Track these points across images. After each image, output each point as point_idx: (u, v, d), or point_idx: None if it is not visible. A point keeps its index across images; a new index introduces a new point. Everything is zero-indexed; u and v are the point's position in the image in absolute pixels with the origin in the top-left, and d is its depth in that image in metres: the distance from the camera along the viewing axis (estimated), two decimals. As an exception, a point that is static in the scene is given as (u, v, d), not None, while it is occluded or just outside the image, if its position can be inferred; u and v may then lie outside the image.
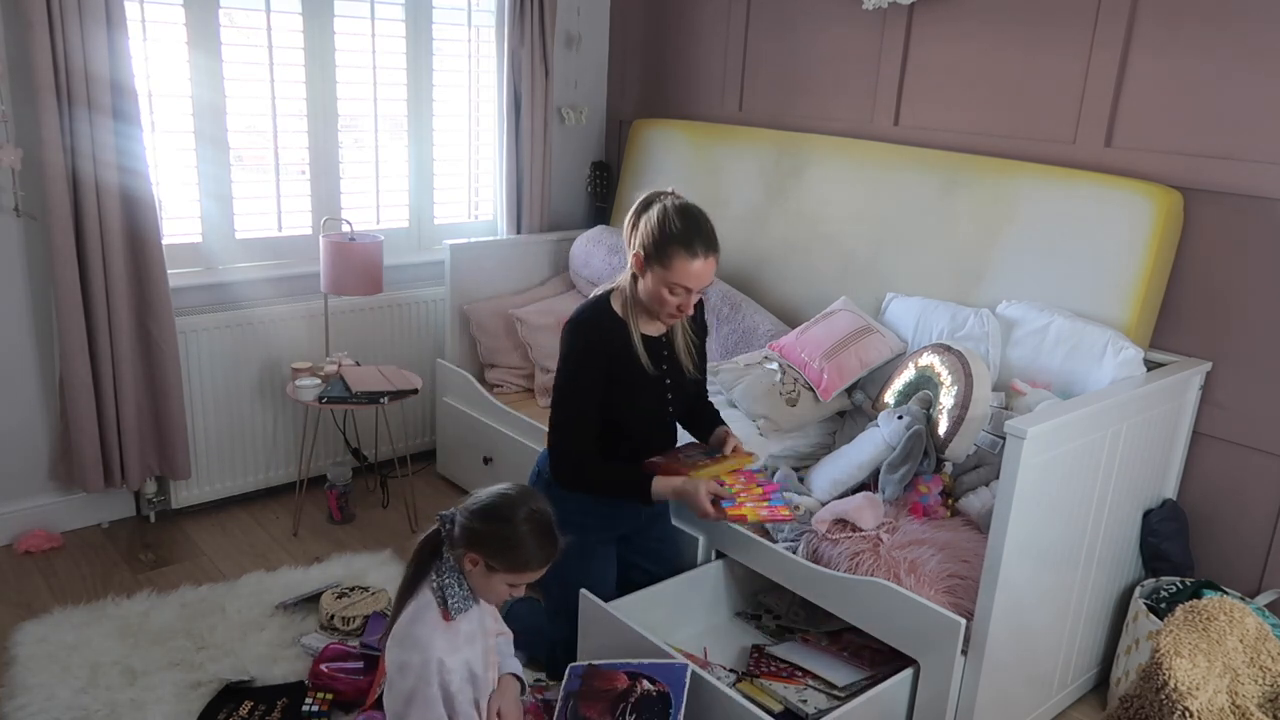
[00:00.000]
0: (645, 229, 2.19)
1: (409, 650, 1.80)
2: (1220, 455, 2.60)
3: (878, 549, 2.28)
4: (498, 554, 1.82)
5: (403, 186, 3.66)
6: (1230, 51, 2.45)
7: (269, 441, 3.40)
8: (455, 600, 1.83)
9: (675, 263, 2.15)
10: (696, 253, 2.15)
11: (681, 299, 2.21)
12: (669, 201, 2.21)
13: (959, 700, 2.15)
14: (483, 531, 1.81)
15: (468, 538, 1.82)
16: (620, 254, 3.45)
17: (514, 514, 1.82)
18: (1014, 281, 2.73)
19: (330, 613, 2.63)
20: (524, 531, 1.82)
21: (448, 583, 1.83)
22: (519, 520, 1.82)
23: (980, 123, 2.96)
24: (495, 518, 1.82)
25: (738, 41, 3.61)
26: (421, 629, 1.81)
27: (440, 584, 1.83)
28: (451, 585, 1.83)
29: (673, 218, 2.16)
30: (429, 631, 1.81)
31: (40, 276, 2.91)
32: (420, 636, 1.80)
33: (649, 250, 2.18)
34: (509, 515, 1.82)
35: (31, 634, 2.54)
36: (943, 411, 2.41)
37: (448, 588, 1.83)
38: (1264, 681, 1.89)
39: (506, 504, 1.84)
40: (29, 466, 3.04)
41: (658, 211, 2.18)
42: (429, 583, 1.85)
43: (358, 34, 3.39)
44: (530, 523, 1.83)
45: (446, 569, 1.84)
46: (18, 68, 2.69)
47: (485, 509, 1.83)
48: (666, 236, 2.15)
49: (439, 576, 1.84)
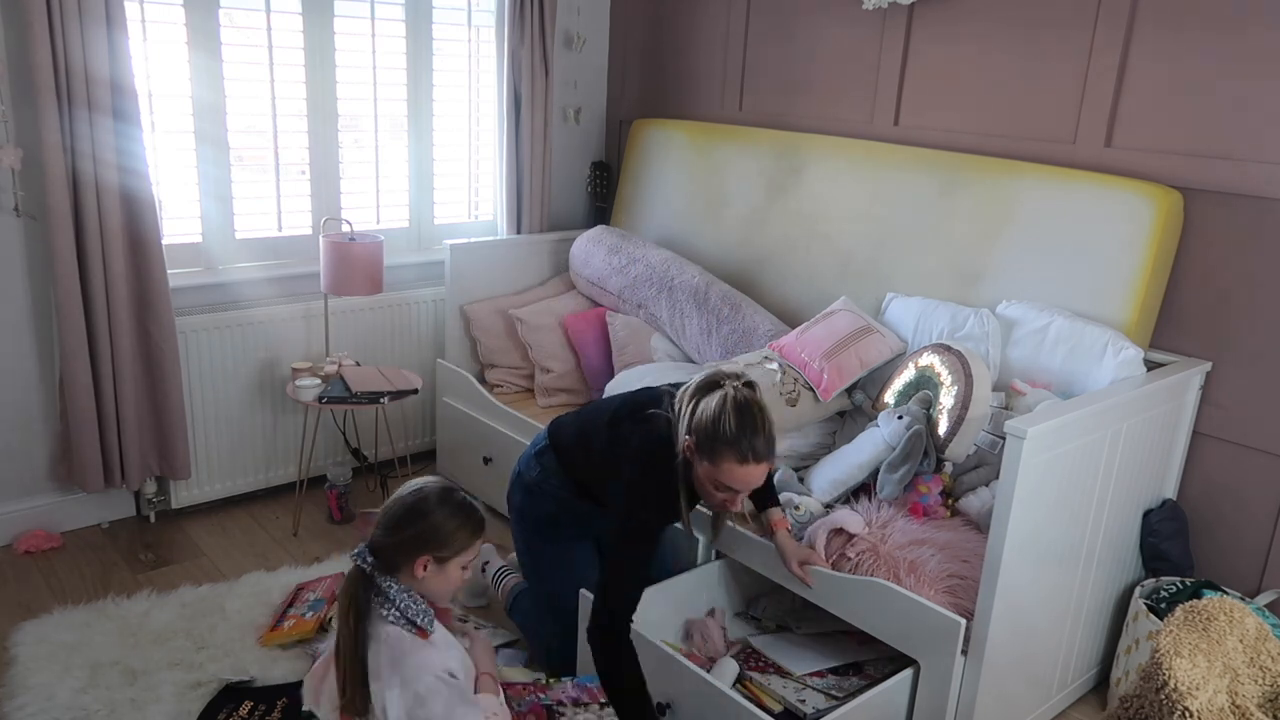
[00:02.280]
0: (701, 418, 2.01)
1: (419, 680, 1.73)
2: (1220, 455, 2.60)
3: (878, 549, 2.28)
4: (439, 544, 1.81)
5: (403, 186, 3.66)
6: (1230, 52, 2.45)
7: (269, 441, 3.40)
8: (421, 616, 1.79)
9: (723, 465, 2.00)
10: (747, 459, 1.99)
11: (727, 495, 2.07)
12: (731, 392, 2.01)
13: (959, 700, 2.15)
14: (415, 536, 1.80)
15: (405, 550, 1.80)
16: (619, 254, 3.45)
17: (428, 505, 1.82)
18: (1014, 281, 2.73)
19: (329, 614, 2.64)
20: (448, 512, 1.83)
21: (405, 605, 1.78)
22: (434, 507, 1.82)
23: (980, 123, 2.96)
24: (417, 517, 1.81)
25: (738, 41, 3.61)
26: (411, 658, 1.75)
27: (399, 611, 1.78)
28: (409, 605, 1.78)
29: (729, 417, 1.97)
30: (419, 655, 1.76)
31: (40, 276, 2.91)
32: (417, 664, 1.74)
33: (700, 442, 2.02)
34: (426, 508, 1.82)
35: (31, 634, 2.54)
36: (943, 411, 2.41)
37: (407, 610, 1.78)
38: (1264, 681, 1.89)
39: (416, 501, 1.83)
40: (29, 466, 3.04)
41: (717, 404, 2.00)
42: (382, 621, 1.78)
43: (358, 34, 3.39)
44: (446, 504, 1.83)
45: (395, 594, 1.78)
46: (18, 68, 2.69)
47: (401, 517, 1.81)
48: (719, 437, 1.98)
49: (390, 606, 1.78)
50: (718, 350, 3.09)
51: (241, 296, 3.27)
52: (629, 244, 3.48)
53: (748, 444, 1.98)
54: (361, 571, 1.80)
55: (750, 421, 1.99)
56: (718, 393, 2.03)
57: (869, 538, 2.31)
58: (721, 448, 1.99)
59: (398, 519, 1.81)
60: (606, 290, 3.49)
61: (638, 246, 3.46)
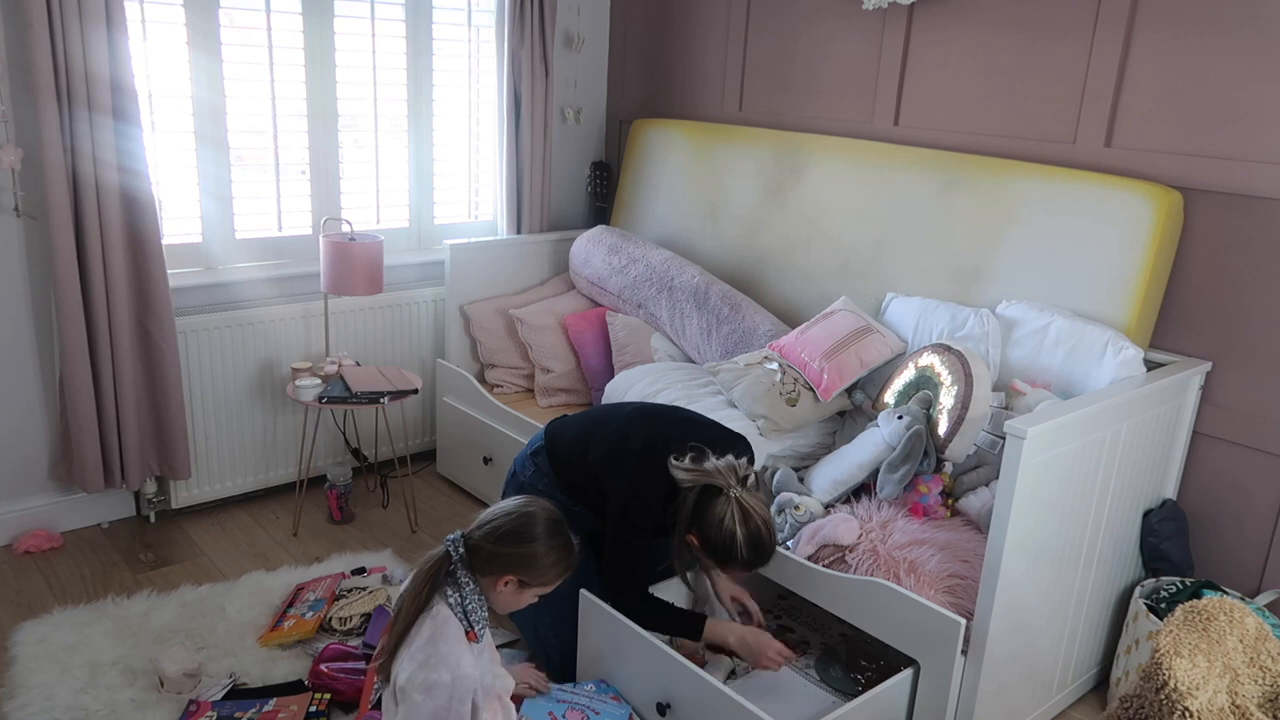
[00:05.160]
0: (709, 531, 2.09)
1: (436, 669, 1.75)
2: (1220, 455, 2.60)
3: (878, 549, 2.28)
4: (532, 572, 1.85)
5: (403, 186, 3.66)
6: (1230, 51, 2.45)
7: (269, 441, 3.40)
8: (478, 621, 1.82)
9: (730, 570, 2.19)
10: (754, 568, 2.15)
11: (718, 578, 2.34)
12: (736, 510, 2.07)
13: (959, 700, 2.15)
14: (514, 555, 1.83)
15: (498, 563, 1.83)
16: (619, 254, 3.45)
17: (535, 531, 1.85)
18: (1014, 281, 2.73)
19: (329, 614, 2.64)
20: (551, 545, 1.86)
21: (471, 604, 1.81)
22: (542, 536, 1.85)
23: (980, 123, 2.96)
24: (522, 539, 1.84)
25: (738, 41, 3.61)
26: (447, 647, 1.77)
27: (462, 604, 1.81)
28: (475, 606, 1.82)
29: (742, 545, 2.07)
30: (456, 649, 1.78)
31: (40, 276, 2.91)
32: (448, 655, 1.76)
33: (707, 548, 2.12)
34: (533, 534, 1.85)
35: (31, 634, 2.54)
36: (943, 411, 2.41)
37: (471, 610, 1.81)
38: (1264, 681, 1.89)
39: (526, 522, 1.85)
40: (29, 466, 3.04)
41: (726, 523, 2.06)
42: (445, 599, 1.82)
43: (358, 34, 3.39)
44: (553, 536, 1.87)
45: (467, 591, 1.82)
46: (18, 68, 2.69)
47: (508, 533, 1.84)
48: (730, 556, 2.09)
49: (459, 596, 1.82)
50: (718, 350, 3.10)
51: (241, 296, 3.27)
52: (629, 244, 3.48)
53: (755, 560, 2.12)
54: (448, 557, 1.84)
55: (759, 545, 2.10)
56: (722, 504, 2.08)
57: (869, 538, 2.32)
58: (730, 563, 2.12)
59: (505, 532, 1.84)
60: (606, 290, 3.49)
61: (638, 246, 3.46)
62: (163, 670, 2.36)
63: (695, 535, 2.13)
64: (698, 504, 2.11)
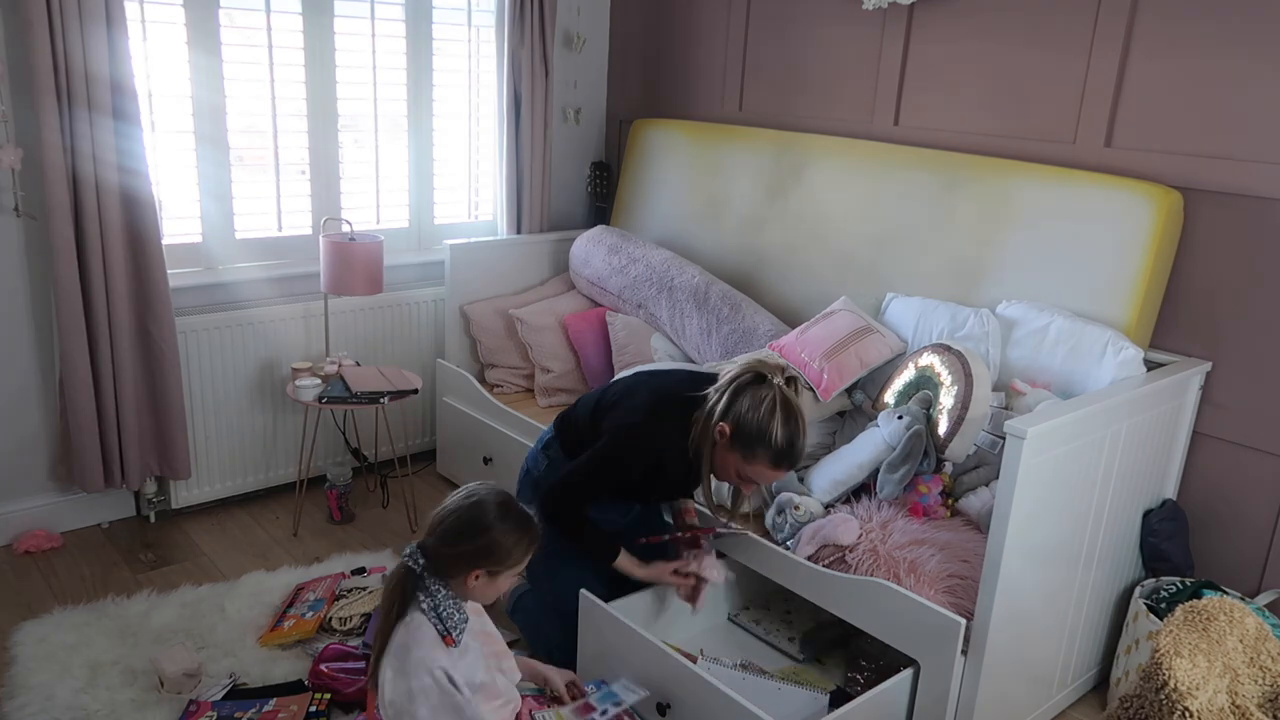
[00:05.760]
0: (746, 413, 2.09)
1: (416, 675, 1.74)
2: (1220, 455, 2.59)
3: (878, 549, 2.28)
4: (495, 559, 1.81)
5: (403, 186, 3.66)
6: (1230, 51, 2.45)
7: (269, 441, 3.40)
8: (455, 625, 1.79)
9: (757, 463, 2.12)
10: (781, 465, 2.12)
11: (746, 483, 2.22)
12: (779, 395, 2.09)
13: (959, 700, 2.15)
14: (473, 549, 1.79)
15: (461, 562, 1.80)
16: (619, 254, 3.45)
17: (487, 520, 1.80)
18: (1014, 281, 2.73)
19: (329, 614, 2.64)
20: (507, 528, 1.81)
21: (445, 610, 1.78)
22: (495, 522, 1.80)
23: (980, 123, 2.96)
24: (475, 531, 1.79)
25: (738, 41, 3.61)
26: (421, 651, 1.76)
27: (435, 609, 1.78)
28: (449, 611, 1.79)
29: (778, 426, 2.07)
30: (431, 653, 1.76)
31: (40, 276, 2.91)
32: (422, 659, 1.75)
33: (736, 434, 2.11)
34: (485, 523, 1.80)
35: (31, 634, 2.54)
36: (943, 411, 2.41)
37: (446, 615, 1.78)
38: (1264, 681, 1.89)
39: (475, 514, 1.81)
40: (29, 466, 3.04)
41: (765, 404, 2.08)
42: (419, 608, 1.79)
43: (358, 34, 3.39)
44: (505, 518, 1.82)
45: (440, 597, 1.79)
46: (18, 68, 2.69)
47: (461, 530, 1.80)
48: (763, 440, 2.08)
49: (432, 603, 1.79)
50: (718, 350, 3.10)
51: (241, 296, 3.27)
52: (629, 244, 3.48)
53: (787, 451, 2.10)
54: (411, 571, 1.80)
55: (794, 429, 2.10)
56: (765, 390, 2.10)
57: (869, 538, 2.32)
58: (761, 448, 2.09)
59: (456, 531, 1.79)
60: (606, 290, 3.49)
61: (638, 246, 3.46)
62: (163, 670, 2.36)
63: (728, 424, 2.11)
64: (735, 393, 2.12)
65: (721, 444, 2.14)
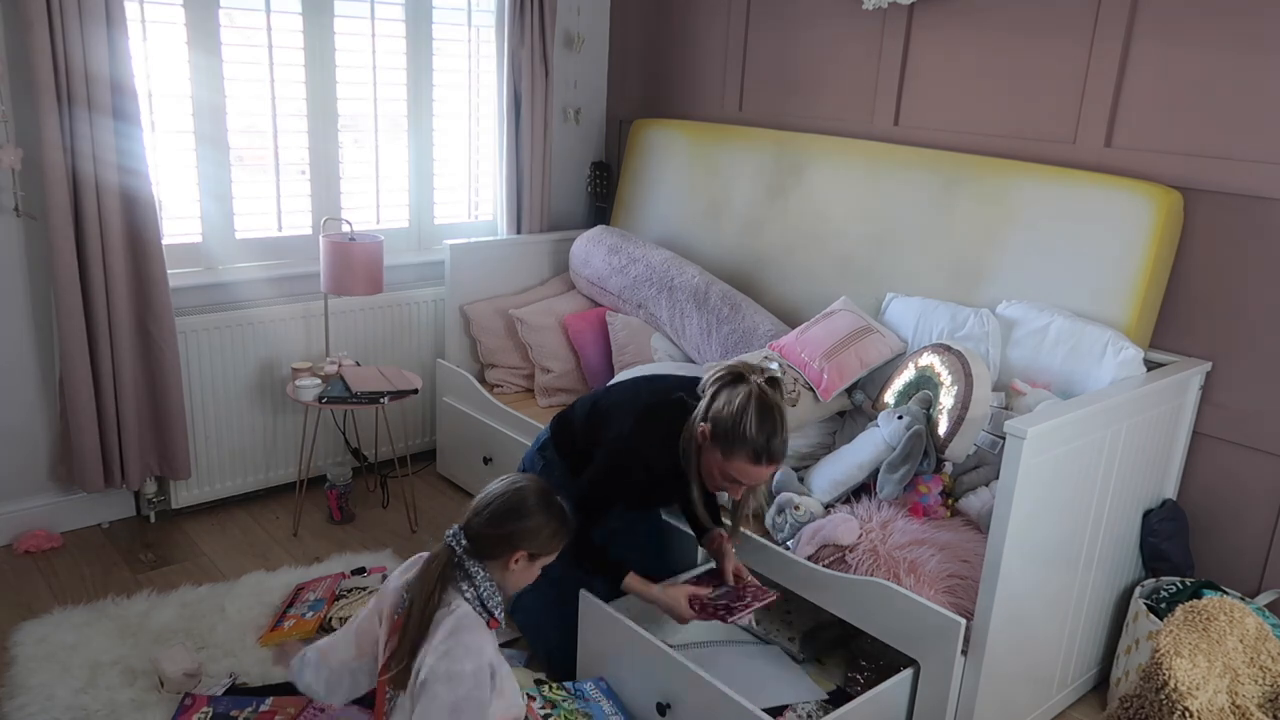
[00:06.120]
0: (722, 410, 2.06)
1: (460, 659, 1.76)
2: (1220, 455, 2.59)
3: (878, 549, 2.28)
4: (537, 543, 1.89)
5: (403, 186, 3.66)
6: (1230, 51, 2.45)
7: (269, 441, 3.40)
8: (496, 607, 1.85)
9: (736, 461, 2.07)
10: (761, 460, 2.06)
11: (731, 486, 2.16)
12: (755, 390, 2.05)
13: (959, 700, 2.15)
14: (518, 531, 1.86)
15: (506, 543, 1.86)
16: (619, 254, 3.45)
17: (530, 504, 1.89)
18: (1014, 281, 2.73)
19: (329, 614, 2.64)
20: (549, 515, 1.90)
21: (485, 593, 1.83)
22: (538, 507, 1.89)
23: (980, 123, 2.96)
24: (521, 514, 1.87)
25: (737, 41, 3.61)
26: (470, 636, 1.78)
27: (478, 594, 1.83)
28: (489, 594, 1.84)
29: (752, 418, 2.03)
30: (479, 638, 1.79)
31: (40, 276, 2.91)
32: (472, 644, 1.78)
33: (716, 433, 2.07)
34: (529, 507, 1.88)
35: (31, 634, 2.54)
36: (943, 411, 2.41)
37: (487, 598, 1.83)
38: (1264, 681, 1.89)
39: (520, 498, 1.89)
40: (29, 466, 3.04)
41: (741, 400, 2.04)
42: (460, 594, 1.83)
43: (358, 34, 3.39)
44: (548, 505, 1.91)
45: (479, 579, 1.84)
46: (18, 68, 2.69)
47: (507, 512, 1.87)
48: (738, 435, 2.04)
49: (473, 587, 1.83)
50: (718, 350, 3.09)
51: (241, 296, 3.27)
52: (629, 244, 3.48)
53: (764, 445, 2.05)
54: (451, 552, 1.85)
55: (770, 424, 2.05)
56: (742, 387, 2.08)
57: (869, 538, 2.32)
58: (738, 445, 2.05)
59: (505, 512, 1.87)
60: (606, 290, 3.49)
61: (638, 246, 3.46)
62: (163, 670, 2.36)
63: (709, 423, 2.08)
64: (717, 392, 2.10)
65: (704, 446, 2.11)
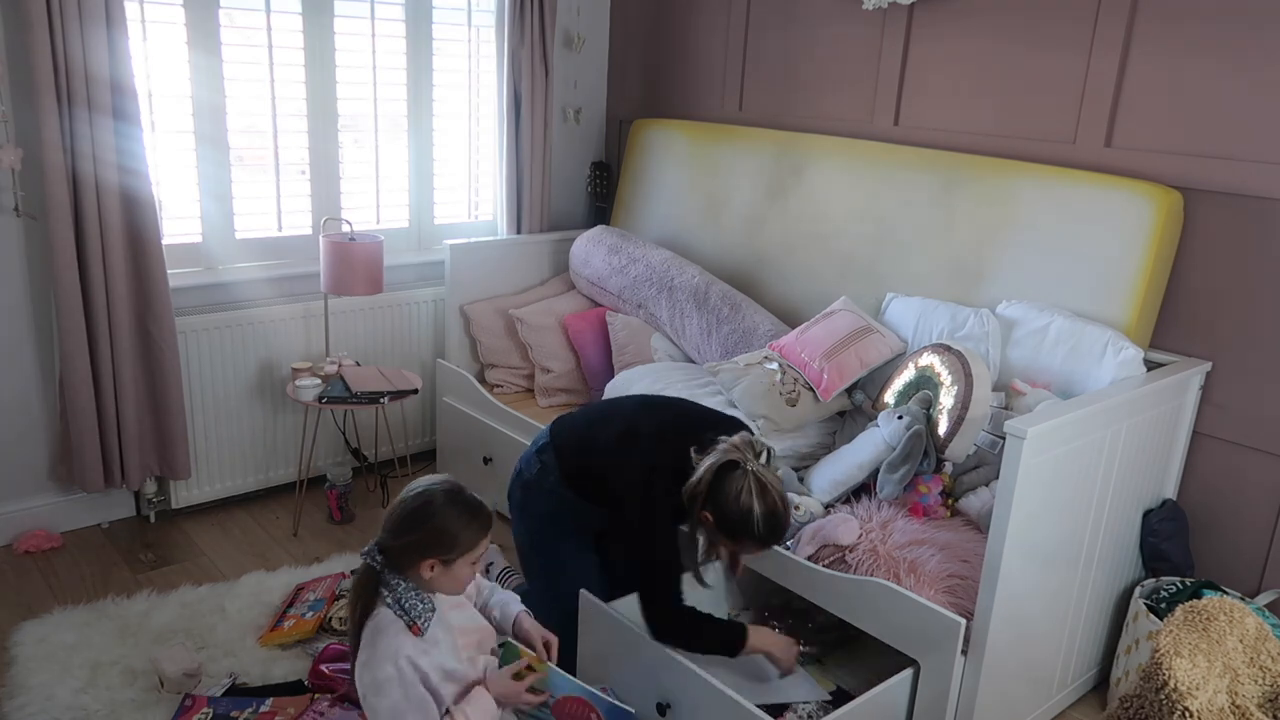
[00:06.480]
0: (725, 504, 2.07)
1: (380, 665, 1.74)
2: (1220, 455, 2.59)
3: (878, 549, 2.28)
4: (445, 547, 1.81)
5: (403, 186, 3.66)
6: (1230, 51, 2.45)
7: (269, 441, 3.40)
8: (420, 615, 1.80)
9: (745, 547, 2.16)
10: (768, 545, 2.14)
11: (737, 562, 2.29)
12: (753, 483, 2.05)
13: (959, 700, 2.15)
14: (420, 539, 1.80)
15: (411, 552, 1.80)
16: (619, 254, 3.45)
17: (431, 508, 1.81)
18: (1014, 281, 2.73)
19: (329, 614, 2.64)
20: (454, 513, 1.81)
21: (408, 602, 1.79)
22: (439, 510, 1.81)
23: (980, 123, 2.96)
24: (419, 520, 1.80)
25: (738, 41, 3.61)
26: (385, 640, 1.76)
27: (398, 602, 1.79)
28: (412, 602, 1.79)
29: (758, 519, 2.05)
30: (394, 641, 1.77)
31: (40, 276, 2.91)
32: (386, 648, 1.76)
33: (721, 524, 2.10)
34: (429, 511, 1.81)
35: (31, 634, 2.55)
36: (943, 411, 2.41)
37: (409, 606, 1.79)
38: (1264, 681, 1.89)
39: (420, 503, 1.82)
40: (29, 466, 3.04)
41: (743, 496, 2.05)
42: (383, 603, 1.80)
43: (358, 34, 3.39)
44: (452, 504, 1.82)
45: (400, 590, 1.80)
46: (18, 68, 2.69)
47: (407, 519, 1.81)
48: (747, 531, 2.08)
49: (395, 596, 1.79)
50: (718, 350, 3.09)
51: (241, 296, 3.27)
52: (629, 244, 3.48)
53: (769, 535, 2.10)
54: (371, 569, 1.82)
55: (775, 518, 2.08)
56: (739, 477, 2.06)
57: (869, 538, 2.31)
58: (745, 537, 2.10)
59: (403, 523, 1.81)
60: (606, 290, 3.49)
61: (638, 246, 3.46)
62: (163, 670, 2.36)
63: (710, 513, 2.11)
64: (714, 481, 2.10)
65: (708, 528, 2.14)
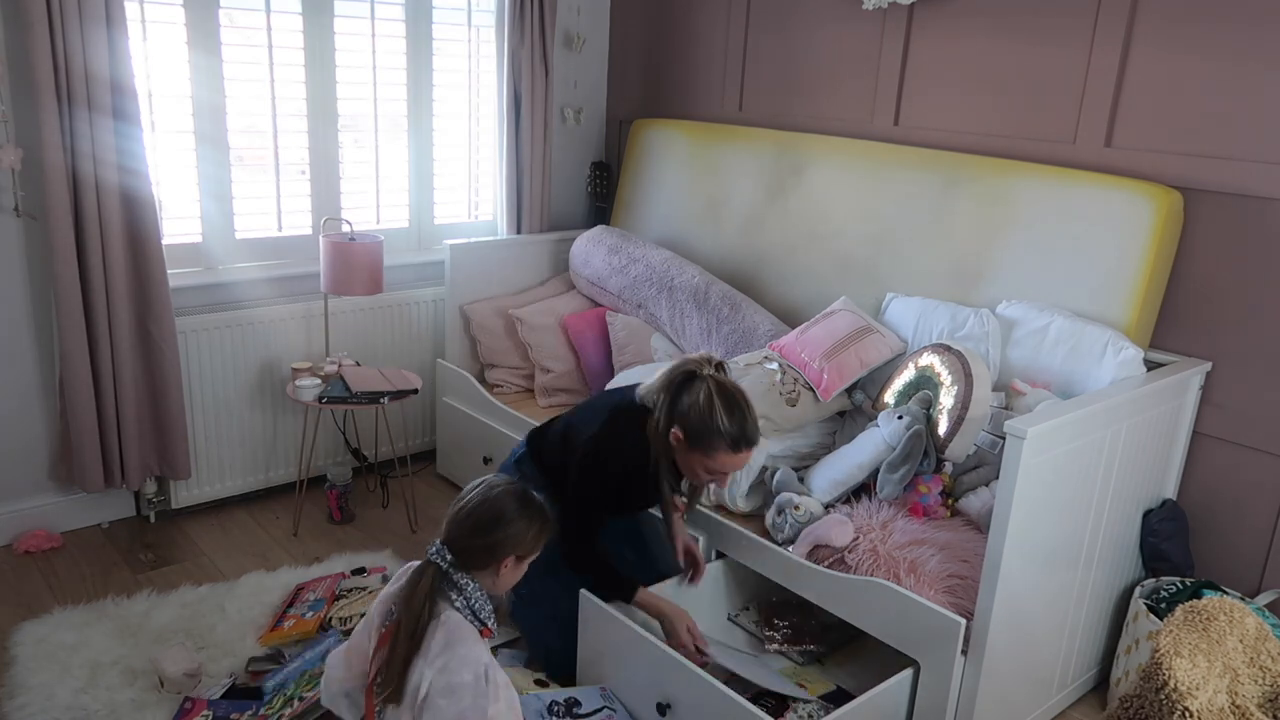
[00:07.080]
0: (689, 411, 2.13)
1: (458, 671, 1.74)
2: (1220, 455, 2.59)
3: (878, 549, 2.28)
4: (523, 546, 1.87)
5: (403, 186, 3.66)
6: (1230, 51, 2.45)
7: (269, 441, 3.40)
8: (488, 616, 1.85)
9: (718, 455, 2.14)
10: (741, 449, 2.14)
11: (716, 478, 2.23)
12: (712, 385, 2.13)
13: (959, 700, 2.15)
14: (503, 538, 1.84)
15: (493, 551, 1.84)
16: (619, 254, 3.45)
17: (511, 510, 1.86)
18: (1014, 281, 2.73)
19: (329, 614, 2.64)
20: (530, 516, 1.88)
21: (477, 603, 1.83)
22: (515, 510, 1.86)
23: (980, 123, 2.96)
24: (503, 521, 1.84)
25: (737, 41, 3.61)
26: (465, 648, 1.77)
27: (469, 605, 1.82)
28: (480, 604, 1.83)
29: (720, 412, 2.10)
30: (475, 649, 1.78)
31: (40, 276, 2.91)
32: (467, 655, 1.76)
33: (690, 435, 2.14)
34: (511, 513, 1.86)
35: (31, 634, 2.54)
36: (943, 411, 2.41)
37: (479, 608, 1.83)
38: (1264, 681, 1.89)
39: (499, 505, 1.86)
40: (29, 466, 3.04)
41: (703, 399, 2.12)
42: (451, 605, 1.81)
43: (358, 34, 3.39)
44: (526, 505, 1.88)
45: (469, 590, 1.82)
46: (18, 68, 2.69)
47: (489, 521, 1.84)
48: (713, 432, 2.11)
49: (464, 598, 1.82)
50: (718, 350, 3.09)
51: (241, 296, 3.27)
52: (629, 244, 3.49)
53: (739, 434, 2.12)
54: (439, 568, 1.83)
55: (739, 412, 2.13)
56: (698, 384, 2.14)
57: (869, 538, 2.32)
58: (715, 439, 2.12)
59: (483, 523, 1.84)
60: (606, 290, 3.49)
61: (638, 246, 3.46)
62: (163, 670, 2.36)
63: (678, 427, 2.15)
64: (675, 395, 2.16)
65: (680, 448, 2.17)
